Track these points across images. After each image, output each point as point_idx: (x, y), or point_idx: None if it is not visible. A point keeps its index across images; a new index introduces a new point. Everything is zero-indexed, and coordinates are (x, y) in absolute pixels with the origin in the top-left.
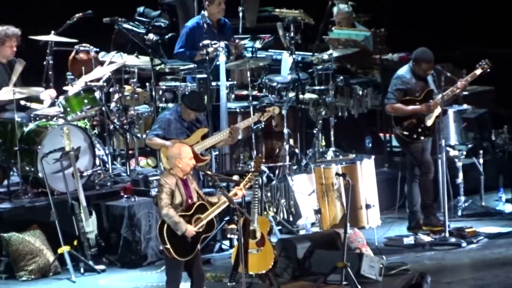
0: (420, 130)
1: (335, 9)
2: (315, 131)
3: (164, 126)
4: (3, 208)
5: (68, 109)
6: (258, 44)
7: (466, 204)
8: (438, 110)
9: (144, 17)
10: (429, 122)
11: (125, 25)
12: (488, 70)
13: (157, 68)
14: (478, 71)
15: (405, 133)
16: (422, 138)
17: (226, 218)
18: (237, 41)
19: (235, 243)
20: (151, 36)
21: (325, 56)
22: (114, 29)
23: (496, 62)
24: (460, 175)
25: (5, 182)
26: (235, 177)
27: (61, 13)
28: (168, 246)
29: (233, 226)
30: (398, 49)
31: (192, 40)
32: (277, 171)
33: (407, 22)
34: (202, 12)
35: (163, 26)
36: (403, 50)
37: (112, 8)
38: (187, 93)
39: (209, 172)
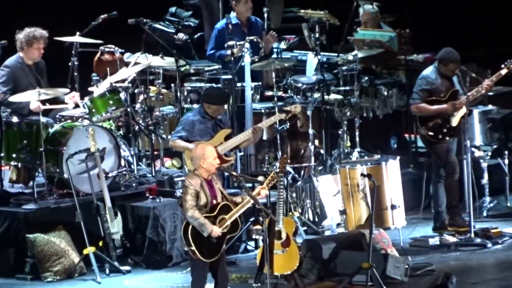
0: (445, 130)
1: (361, 10)
2: (340, 132)
3: (188, 128)
4: (28, 209)
5: (93, 110)
6: (283, 45)
7: (492, 205)
8: (463, 111)
9: (176, 17)
10: (454, 123)
11: (155, 25)
12: None
13: (182, 69)
14: (503, 71)
15: (430, 133)
16: (447, 138)
17: (251, 219)
18: (270, 33)
19: (260, 243)
20: (180, 35)
21: (350, 56)
22: (144, 29)
23: None
24: (485, 175)
25: (31, 183)
26: (260, 178)
27: (86, 14)
28: (193, 247)
29: (258, 226)
30: (423, 49)
31: (222, 41)
32: (302, 172)
33: (432, 23)
34: (230, 12)
35: (192, 25)
36: (427, 51)
37: (137, 9)
38: (204, 90)
39: (234, 173)
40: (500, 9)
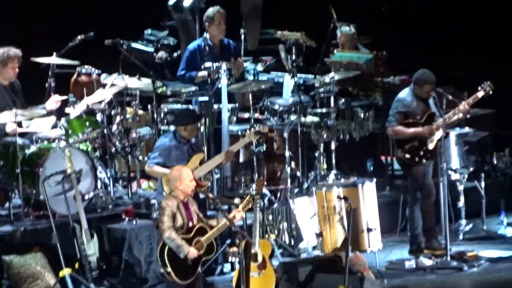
0: (422, 153)
1: (338, 32)
2: (316, 154)
3: (165, 154)
4: (4, 230)
5: (70, 132)
6: (260, 67)
7: (468, 228)
8: (439, 133)
9: (153, 36)
10: (431, 146)
11: (134, 44)
12: (491, 92)
13: (159, 90)
14: (480, 94)
15: (407, 156)
16: (424, 161)
17: (228, 241)
18: (238, 59)
19: (237, 266)
20: (161, 54)
21: (326, 78)
22: (121, 50)
23: (497, 83)
24: (462, 198)
25: (7, 205)
26: (236, 200)
27: (63, 35)
28: (169, 269)
29: (234, 249)
30: (400, 71)
31: (193, 63)
32: (278, 194)
33: (408, 44)
34: (204, 34)
35: (171, 44)
36: (404, 73)
37: (113, 29)
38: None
39: (210, 195)
40: (477, 30)
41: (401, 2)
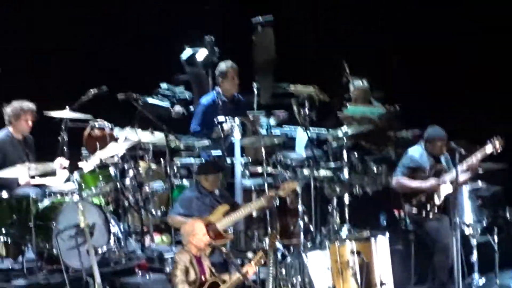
0: (429, 207)
1: (351, 86)
2: (329, 208)
3: (185, 204)
4: (18, 284)
5: (83, 185)
6: (272, 121)
7: (481, 282)
8: (447, 188)
9: (169, 91)
10: (437, 200)
11: (149, 99)
12: (500, 148)
13: (172, 144)
14: (488, 149)
15: (413, 211)
16: (431, 215)
17: None
18: (252, 116)
19: None
20: (177, 108)
21: (339, 132)
22: (133, 103)
23: (509, 138)
24: (475, 252)
25: (20, 258)
26: (250, 254)
27: (75, 89)
28: None
29: None
30: (412, 125)
31: (208, 117)
32: (291, 248)
33: (421, 99)
34: (217, 88)
35: (188, 98)
36: (417, 127)
37: (126, 84)
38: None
39: (223, 250)
40: (492, 82)
41: (413, 57)
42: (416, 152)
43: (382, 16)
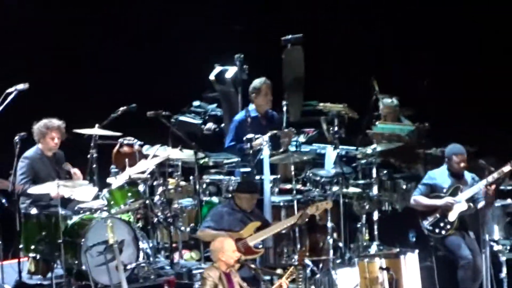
0: (442, 224)
1: (380, 103)
2: (358, 225)
3: (216, 219)
4: None
5: (112, 202)
6: (302, 138)
7: None
8: (462, 206)
9: (200, 108)
10: (451, 217)
11: (181, 117)
12: None
13: (201, 161)
14: (506, 168)
15: (429, 228)
16: (444, 233)
17: None
18: (290, 128)
19: None
20: (209, 125)
21: (369, 150)
22: (162, 121)
23: None
24: (504, 269)
25: (49, 275)
26: (279, 271)
27: (105, 107)
28: None
29: None
30: (441, 143)
31: (241, 134)
32: (320, 265)
33: (450, 116)
34: (250, 105)
35: (219, 115)
36: (446, 145)
37: (155, 101)
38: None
39: (252, 266)
40: None
41: (443, 76)
42: (438, 171)
43: (413, 35)
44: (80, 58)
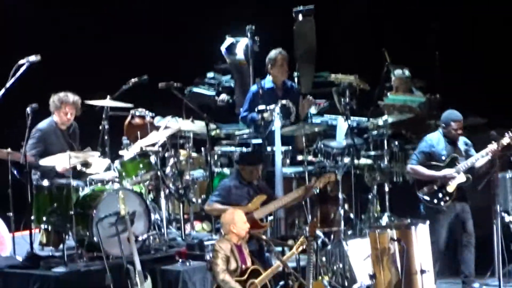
0: (441, 195)
1: (392, 75)
2: (370, 196)
3: (224, 193)
4: (58, 272)
5: (124, 174)
6: (313, 110)
7: None
8: (460, 178)
9: (214, 80)
10: (450, 188)
11: (195, 89)
12: None
13: (213, 133)
14: (505, 140)
15: (426, 198)
16: (442, 204)
17: (281, 283)
18: (308, 97)
19: None
20: (222, 96)
21: (380, 121)
22: (174, 92)
23: None
24: None
25: (61, 246)
26: (290, 242)
27: (116, 78)
28: None
29: None
30: None
31: (256, 104)
32: (332, 236)
33: (461, 87)
34: (268, 76)
35: (233, 86)
36: None
37: (167, 73)
38: (239, 154)
39: (263, 237)
40: None
41: (454, 46)
42: (434, 137)
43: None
44: (92, 29)
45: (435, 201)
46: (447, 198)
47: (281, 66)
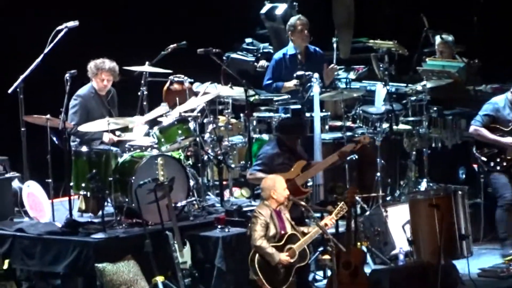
0: (498, 160)
1: (437, 39)
2: (408, 162)
3: (267, 162)
4: (97, 238)
5: (162, 140)
6: (352, 75)
7: None
8: None
9: (253, 46)
10: (510, 155)
11: (233, 55)
12: None
13: (251, 99)
14: None
15: (483, 159)
16: (499, 168)
17: (320, 249)
18: (331, 66)
19: (329, 273)
20: (262, 62)
21: (418, 87)
22: (222, 59)
23: None
24: None
25: (100, 213)
26: (329, 208)
27: (155, 44)
28: (260, 276)
29: (326, 256)
30: (492, 80)
31: (278, 72)
32: (370, 202)
33: (501, 53)
34: (290, 42)
35: (272, 52)
36: (496, 81)
37: (205, 39)
38: (279, 122)
39: (302, 203)
40: None
41: (493, 10)
42: (500, 100)
43: None
44: None
45: (492, 164)
46: (504, 164)
47: (301, 32)
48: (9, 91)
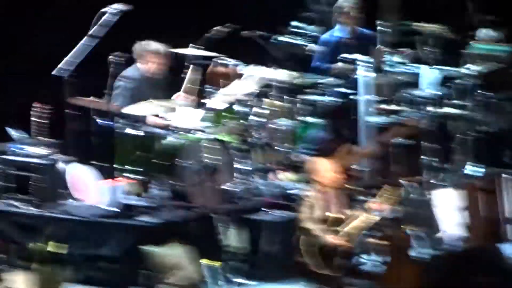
0: None
1: (479, 33)
2: (454, 146)
3: (312, 145)
4: (143, 221)
5: (207, 123)
6: (397, 58)
7: None
8: None
9: (301, 29)
10: None
11: (281, 38)
12: None
13: (297, 81)
14: None
15: None
16: None
17: (364, 232)
18: (378, 47)
19: (375, 257)
20: (310, 46)
21: (465, 70)
22: (267, 42)
23: None
24: None
25: (145, 196)
26: (373, 191)
27: (200, 27)
28: (307, 259)
29: (373, 240)
30: None
31: (326, 55)
32: (415, 185)
33: None
34: (337, 24)
35: (319, 35)
36: None
37: (251, 21)
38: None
39: (347, 186)
40: None
41: None
42: None
43: None
44: None
45: None
46: None
47: (347, 14)
48: (53, 72)
